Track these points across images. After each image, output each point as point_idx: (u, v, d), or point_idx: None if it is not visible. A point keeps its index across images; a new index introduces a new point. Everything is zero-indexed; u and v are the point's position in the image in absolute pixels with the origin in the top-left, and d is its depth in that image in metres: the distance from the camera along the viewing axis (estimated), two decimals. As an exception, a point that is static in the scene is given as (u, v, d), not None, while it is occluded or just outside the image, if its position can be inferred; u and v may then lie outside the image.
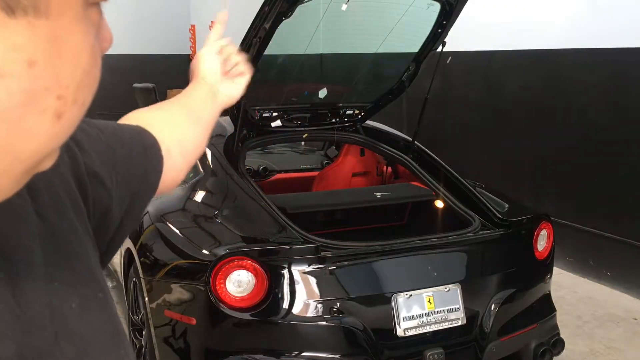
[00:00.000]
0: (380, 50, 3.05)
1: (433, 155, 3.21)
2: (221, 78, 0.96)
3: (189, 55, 12.07)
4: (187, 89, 0.94)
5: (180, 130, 0.84)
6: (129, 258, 2.77)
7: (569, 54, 4.32)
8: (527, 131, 4.72)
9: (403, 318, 2.26)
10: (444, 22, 2.84)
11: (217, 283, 2.12)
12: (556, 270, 3.48)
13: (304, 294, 2.18)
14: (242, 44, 2.60)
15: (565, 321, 3.37)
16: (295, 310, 2.17)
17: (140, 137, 0.71)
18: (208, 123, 0.91)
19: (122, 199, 0.64)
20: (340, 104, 3.26)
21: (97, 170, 0.60)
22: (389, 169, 3.57)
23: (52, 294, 0.47)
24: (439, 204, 2.96)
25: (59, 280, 0.48)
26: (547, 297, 2.76)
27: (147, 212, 2.62)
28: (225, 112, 3.32)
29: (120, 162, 0.64)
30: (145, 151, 0.71)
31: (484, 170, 4.85)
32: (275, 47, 2.63)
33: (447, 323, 2.33)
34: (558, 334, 2.71)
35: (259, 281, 2.13)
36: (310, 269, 2.21)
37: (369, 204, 3.00)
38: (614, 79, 4.07)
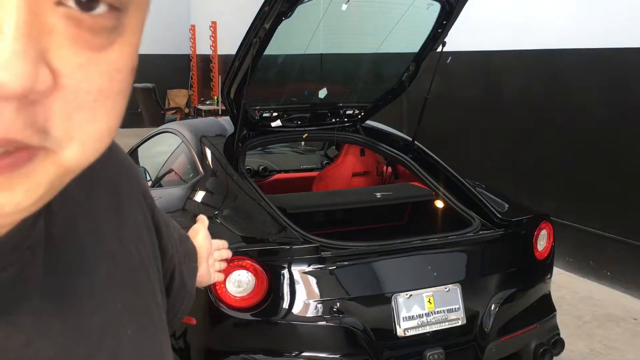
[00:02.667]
0: (380, 50, 3.06)
1: (433, 155, 3.21)
2: (206, 257, 0.97)
3: (188, 55, 12.08)
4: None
5: None
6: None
7: (569, 54, 4.32)
8: (527, 131, 4.73)
9: (403, 318, 2.26)
10: (444, 22, 2.84)
11: (217, 283, 2.12)
12: (556, 270, 3.48)
13: (304, 294, 2.18)
14: (242, 44, 2.60)
15: (565, 321, 3.37)
16: (295, 310, 2.17)
17: (187, 240, 0.81)
18: None
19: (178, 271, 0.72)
20: (340, 104, 3.26)
21: (163, 228, 0.65)
22: (389, 169, 3.57)
23: (113, 313, 0.48)
24: (439, 204, 2.96)
25: (123, 303, 0.50)
26: (547, 297, 2.76)
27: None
28: (225, 112, 3.32)
29: (176, 240, 0.72)
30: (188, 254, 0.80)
31: (484, 170, 4.86)
32: (275, 47, 2.63)
33: (447, 323, 2.33)
34: (558, 334, 2.71)
35: (259, 281, 2.13)
36: (310, 269, 2.21)
37: (369, 204, 3.00)
38: (614, 79, 4.07)
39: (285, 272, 2.18)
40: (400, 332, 2.25)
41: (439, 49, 2.96)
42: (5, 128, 0.30)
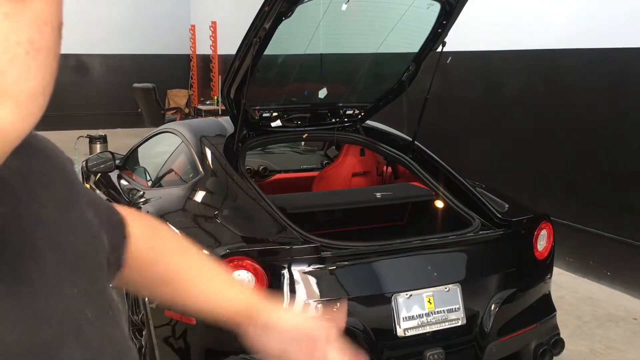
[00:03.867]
0: (380, 50, 3.05)
1: (433, 155, 3.21)
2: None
3: (188, 55, 12.08)
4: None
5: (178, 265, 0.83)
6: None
7: (569, 54, 4.32)
8: (527, 131, 4.73)
9: (403, 318, 2.26)
10: (444, 22, 2.84)
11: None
12: (556, 270, 3.48)
13: (303, 294, 2.18)
14: (242, 44, 2.60)
15: (565, 321, 3.37)
16: (295, 310, 2.17)
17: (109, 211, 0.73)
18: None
19: None
20: (340, 104, 3.26)
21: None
22: (389, 169, 3.57)
23: (71, 298, 0.49)
24: (439, 204, 2.96)
25: (79, 288, 0.50)
26: (547, 297, 2.76)
27: (147, 212, 2.63)
28: (225, 112, 3.32)
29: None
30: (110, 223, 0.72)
31: (484, 170, 4.86)
32: (275, 47, 2.63)
33: (447, 323, 2.33)
34: (558, 334, 2.71)
35: (259, 281, 2.13)
36: (310, 269, 2.22)
37: (369, 204, 3.00)
38: (614, 79, 4.07)
39: (285, 272, 2.18)
40: (400, 332, 2.25)
41: (439, 49, 2.96)
42: None
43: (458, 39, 3.43)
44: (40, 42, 0.34)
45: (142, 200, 2.95)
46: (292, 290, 2.17)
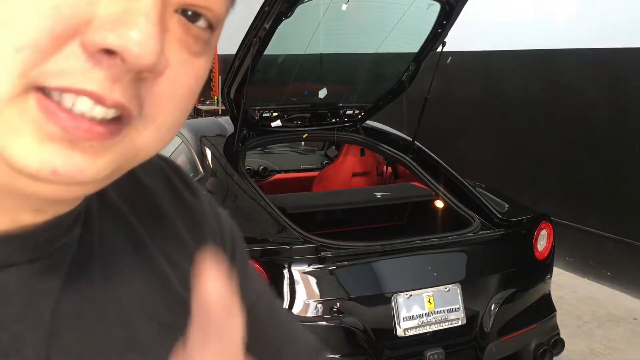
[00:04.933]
0: (380, 50, 3.06)
1: (433, 155, 3.21)
2: None
3: (189, 55, 12.07)
4: None
5: None
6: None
7: (569, 54, 4.32)
8: (527, 131, 4.73)
9: (403, 318, 2.26)
10: (444, 22, 2.84)
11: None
12: (556, 270, 3.48)
13: (303, 294, 2.18)
14: (242, 44, 2.60)
15: (565, 321, 3.37)
16: (295, 310, 2.17)
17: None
18: None
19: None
20: (340, 104, 3.26)
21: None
22: (389, 169, 3.57)
23: (144, 330, 0.48)
24: (439, 204, 2.96)
25: (160, 322, 0.49)
26: (547, 297, 2.76)
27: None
28: (225, 112, 3.32)
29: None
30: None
31: (484, 170, 4.85)
32: (275, 47, 2.63)
33: (447, 323, 2.33)
34: (558, 334, 2.71)
35: (259, 281, 2.13)
36: (310, 269, 2.21)
37: (369, 204, 3.00)
38: (614, 79, 4.07)
39: (285, 272, 2.18)
40: (400, 332, 2.25)
41: (439, 49, 2.96)
42: (122, 92, 0.34)
43: (458, 39, 3.43)
44: (192, 90, 0.40)
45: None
46: (292, 290, 2.17)
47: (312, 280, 2.22)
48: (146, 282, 0.49)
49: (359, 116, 3.34)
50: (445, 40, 2.92)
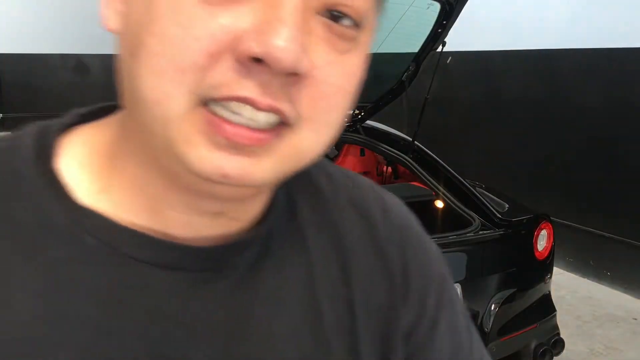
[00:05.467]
0: (380, 50, 3.05)
1: (433, 155, 3.21)
2: None
3: (189, 55, 12.09)
4: None
5: None
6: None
7: (569, 54, 4.32)
8: (527, 131, 4.73)
9: (403, 318, 2.26)
10: (444, 22, 2.84)
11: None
12: (556, 270, 3.48)
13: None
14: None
15: (565, 321, 3.37)
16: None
17: None
18: None
19: None
20: (340, 104, 3.26)
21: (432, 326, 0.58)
22: (389, 169, 3.56)
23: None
24: (439, 204, 2.96)
25: (304, 356, 0.51)
26: (547, 297, 2.75)
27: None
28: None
29: None
30: None
31: (484, 170, 4.85)
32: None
33: (447, 323, 2.33)
34: (558, 334, 2.71)
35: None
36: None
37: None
38: (613, 79, 4.07)
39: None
40: (400, 332, 2.25)
41: (439, 49, 2.96)
42: (274, 97, 0.38)
43: (458, 39, 3.42)
44: (344, 88, 0.42)
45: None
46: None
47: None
48: (302, 318, 0.51)
49: (359, 116, 3.34)
50: (445, 40, 2.92)
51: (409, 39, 2.98)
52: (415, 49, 3.01)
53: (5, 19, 10.30)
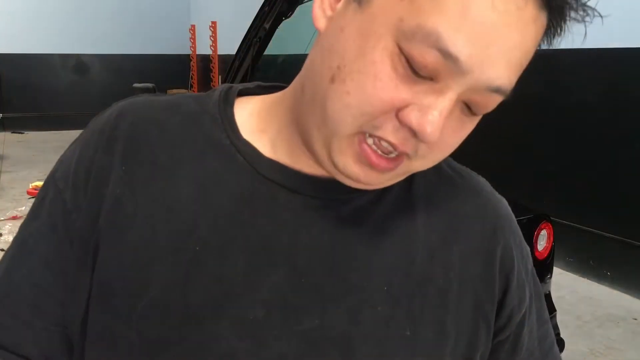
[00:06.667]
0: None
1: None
2: None
3: (188, 55, 12.09)
4: None
5: None
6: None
7: (569, 54, 4.32)
8: (527, 131, 4.72)
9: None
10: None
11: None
12: (556, 270, 3.48)
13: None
14: (242, 44, 2.60)
15: (565, 321, 3.37)
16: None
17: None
18: None
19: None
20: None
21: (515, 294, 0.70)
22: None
23: (380, 297, 0.61)
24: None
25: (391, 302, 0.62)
26: (547, 297, 2.75)
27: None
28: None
29: None
30: None
31: (484, 170, 4.84)
32: (275, 47, 2.63)
33: (447, 323, 2.33)
34: (558, 334, 2.71)
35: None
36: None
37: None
38: (613, 79, 4.07)
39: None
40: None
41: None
42: (407, 146, 0.53)
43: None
44: (453, 145, 0.63)
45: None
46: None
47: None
48: (397, 262, 0.61)
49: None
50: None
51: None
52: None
53: (5, 19, 10.30)
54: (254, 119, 0.65)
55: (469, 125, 0.58)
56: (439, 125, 0.51)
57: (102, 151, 0.61)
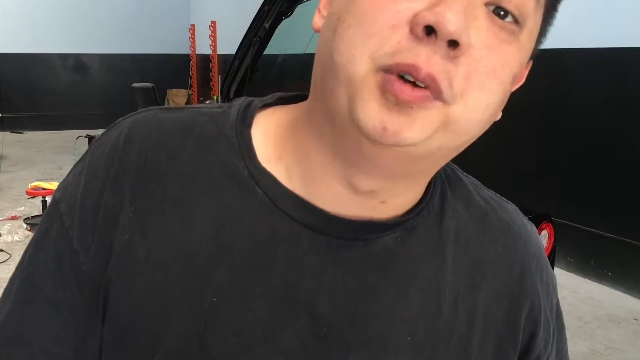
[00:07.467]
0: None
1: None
2: None
3: (188, 55, 12.08)
4: None
5: None
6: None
7: (569, 54, 4.31)
8: (527, 131, 4.72)
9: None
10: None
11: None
12: (557, 270, 3.48)
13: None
14: (242, 44, 2.60)
15: (566, 322, 3.32)
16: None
17: None
18: None
19: None
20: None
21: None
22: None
23: (399, 337, 0.57)
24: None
25: (412, 339, 0.58)
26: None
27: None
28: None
29: None
30: None
31: (484, 170, 4.84)
32: (275, 47, 2.63)
33: (447, 323, 2.32)
34: (559, 334, 2.70)
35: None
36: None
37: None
38: (614, 79, 4.06)
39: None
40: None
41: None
42: (432, 65, 0.44)
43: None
44: (496, 73, 0.49)
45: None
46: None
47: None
48: (422, 310, 0.57)
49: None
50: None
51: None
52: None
53: (5, 18, 10.29)
54: (270, 142, 0.59)
55: (508, 45, 0.47)
56: (460, 13, 0.43)
57: (111, 186, 0.56)
